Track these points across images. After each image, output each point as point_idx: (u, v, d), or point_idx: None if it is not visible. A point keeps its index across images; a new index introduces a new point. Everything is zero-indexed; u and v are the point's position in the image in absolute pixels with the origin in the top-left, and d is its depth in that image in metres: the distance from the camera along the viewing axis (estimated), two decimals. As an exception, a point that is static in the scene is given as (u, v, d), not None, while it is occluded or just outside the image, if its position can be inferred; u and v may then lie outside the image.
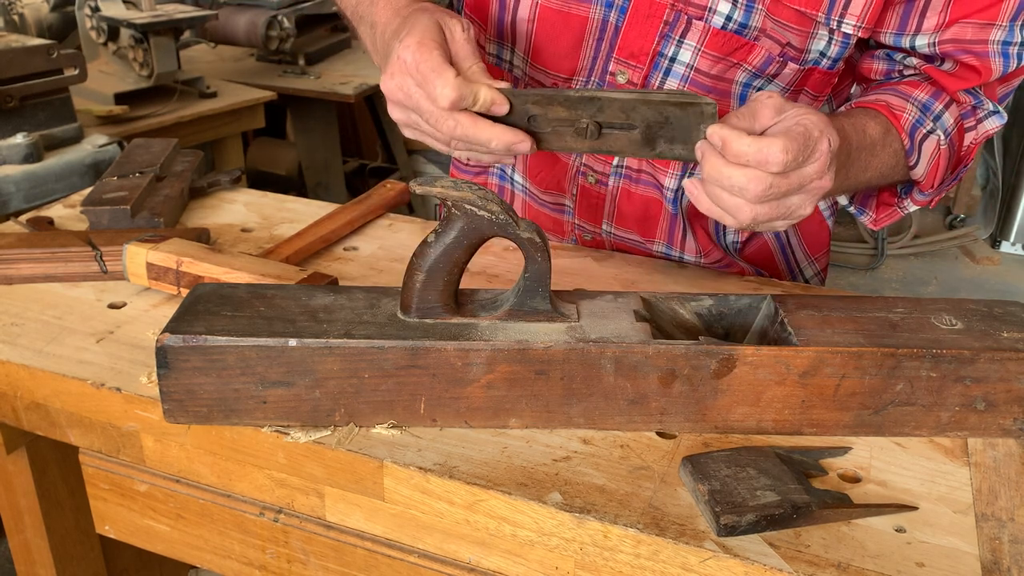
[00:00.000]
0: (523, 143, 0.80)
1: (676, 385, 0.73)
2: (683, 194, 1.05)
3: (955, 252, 3.92)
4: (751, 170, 0.72)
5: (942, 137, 0.93)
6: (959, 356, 0.73)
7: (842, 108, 0.96)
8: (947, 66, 0.94)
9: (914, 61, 0.97)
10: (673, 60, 0.94)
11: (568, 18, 0.96)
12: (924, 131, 0.93)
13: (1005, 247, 3.95)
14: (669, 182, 1.04)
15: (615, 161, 1.04)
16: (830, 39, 0.91)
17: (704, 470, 0.68)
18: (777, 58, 0.92)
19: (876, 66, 1.00)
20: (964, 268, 3.80)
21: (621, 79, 0.96)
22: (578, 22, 0.96)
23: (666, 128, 0.80)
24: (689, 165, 1.01)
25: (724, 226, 1.07)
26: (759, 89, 0.95)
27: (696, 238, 1.08)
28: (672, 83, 0.95)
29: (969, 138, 0.98)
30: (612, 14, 0.94)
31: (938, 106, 0.94)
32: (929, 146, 0.93)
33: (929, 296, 1.28)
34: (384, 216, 1.18)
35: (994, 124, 0.97)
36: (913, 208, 1.01)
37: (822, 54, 0.92)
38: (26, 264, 0.95)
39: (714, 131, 0.74)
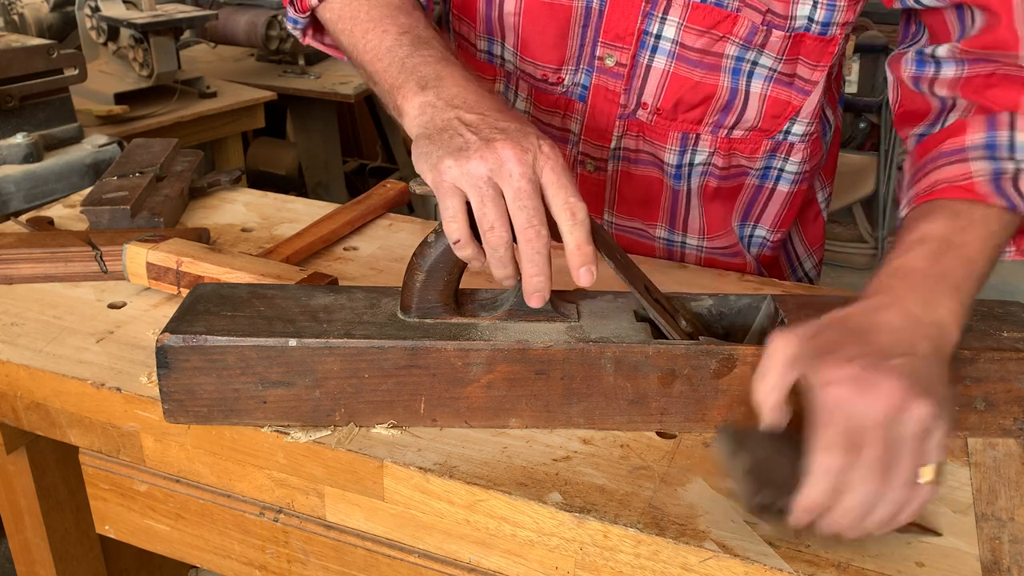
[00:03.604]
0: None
1: (676, 385, 0.73)
2: (687, 170, 1.03)
3: (955, 252, 3.92)
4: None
5: None
6: (959, 356, 0.73)
7: (904, 208, 0.83)
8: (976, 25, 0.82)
9: (950, 72, 0.86)
10: (658, 37, 0.94)
11: (553, 8, 0.96)
12: (1009, 176, 0.78)
13: (1005, 247, 3.95)
14: (670, 157, 1.02)
15: (612, 144, 1.03)
16: (815, 2, 0.90)
17: (745, 442, 0.65)
18: (761, 27, 0.91)
19: (906, 69, 0.91)
20: (964, 268, 3.79)
21: (609, 62, 0.97)
22: (562, 11, 0.96)
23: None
24: (690, 140, 1.00)
25: (749, 220, 1.08)
26: (753, 63, 0.94)
27: (702, 215, 1.07)
28: (660, 60, 0.95)
29: None
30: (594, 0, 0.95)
31: (1003, 135, 0.80)
32: None
33: (929, 296, 1.28)
34: (384, 216, 1.18)
35: None
36: None
37: (810, 19, 0.92)
38: (26, 264, 0.95)
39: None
